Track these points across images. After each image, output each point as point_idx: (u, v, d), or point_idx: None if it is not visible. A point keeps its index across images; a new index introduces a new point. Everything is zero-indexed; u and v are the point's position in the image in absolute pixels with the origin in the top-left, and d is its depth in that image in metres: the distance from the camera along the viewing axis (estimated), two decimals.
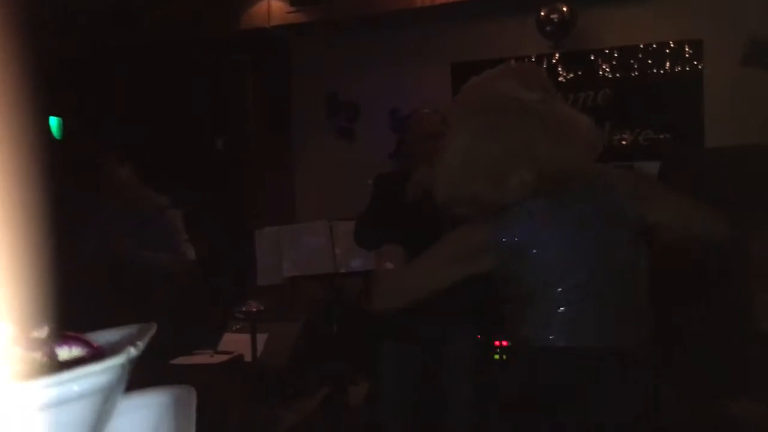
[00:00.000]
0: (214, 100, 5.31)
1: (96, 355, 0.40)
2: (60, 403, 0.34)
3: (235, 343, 3.49)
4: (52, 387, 0.34)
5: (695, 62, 4.53)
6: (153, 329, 0.46)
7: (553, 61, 4.80)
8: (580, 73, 4.74)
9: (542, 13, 4.48)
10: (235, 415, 3.08)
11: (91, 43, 5.09)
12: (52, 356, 0.39)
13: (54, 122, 5.08)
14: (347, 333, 3.66)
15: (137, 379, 0.54)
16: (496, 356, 4.03)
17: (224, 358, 3.32)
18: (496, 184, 1.58)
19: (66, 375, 0.34)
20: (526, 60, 4.87)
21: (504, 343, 4.01)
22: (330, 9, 4.88)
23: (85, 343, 0.41)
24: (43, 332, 0.43)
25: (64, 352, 0.40)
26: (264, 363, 3.40)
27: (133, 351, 0.39)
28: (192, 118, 5.27)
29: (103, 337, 0.46)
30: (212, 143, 5.40)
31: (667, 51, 4.58)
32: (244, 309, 3.33)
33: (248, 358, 3.27)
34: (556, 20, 4.46)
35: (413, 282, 1.75)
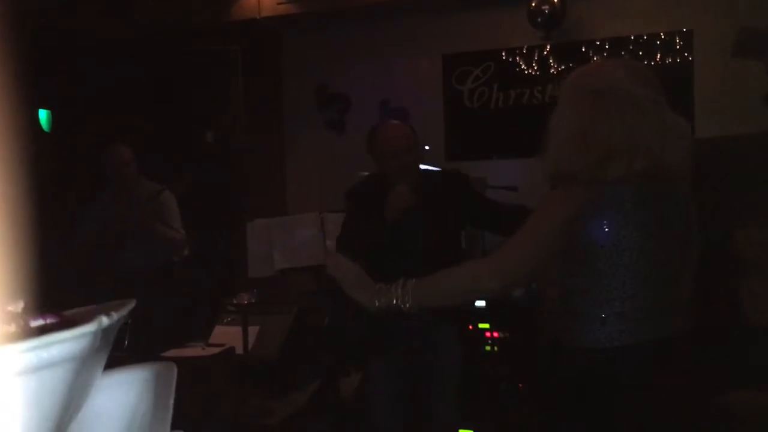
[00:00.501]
0: (204, 93, 5.28)
1: (68, 324, 0.39)
2: (31, 370, 0.33)
3: (227, 335, 3.48)
4: (22, 353, 0.33)
5: (686, 53, 4.54)
6: (132, 304, 0.45)
7: (544, 52, 4.79)
8: (571, 64, 4.73)
9: (533, 4, 4.47)
10: (226, 408, 3.07)
11: (79, 34, 5.05)
12: (26, 328, 0.38)
13: (43, 115, 5.04)
14: (338, 325, 3.66)
15: None
16: (487, 347, 4.04)
17: (215, 350, 3.31)
18: (600, 166, 1.61)
19: (36, 341, 0.33)
20: (518, 51, 4.87)
21: (495, 334, 4.02)
22: (321, 0, 4.85)
23: (60, 316, 0.40)
24: (18, 306, 0.42)
25: (38, 324, 0.39)
26: (255, 355, 3.39)
27: (105, 320, 0.38)
28: (182, 110, 5.24)
29: (80, 312, 0.45)
30: (202, 136, 5.38)
31: (658, 42, 4.58)
32: (235, 301, 3.32)
33: (240, 350, 3.26)
34: (547, 11, 4.46)
35: (534, 247, 1.67)
